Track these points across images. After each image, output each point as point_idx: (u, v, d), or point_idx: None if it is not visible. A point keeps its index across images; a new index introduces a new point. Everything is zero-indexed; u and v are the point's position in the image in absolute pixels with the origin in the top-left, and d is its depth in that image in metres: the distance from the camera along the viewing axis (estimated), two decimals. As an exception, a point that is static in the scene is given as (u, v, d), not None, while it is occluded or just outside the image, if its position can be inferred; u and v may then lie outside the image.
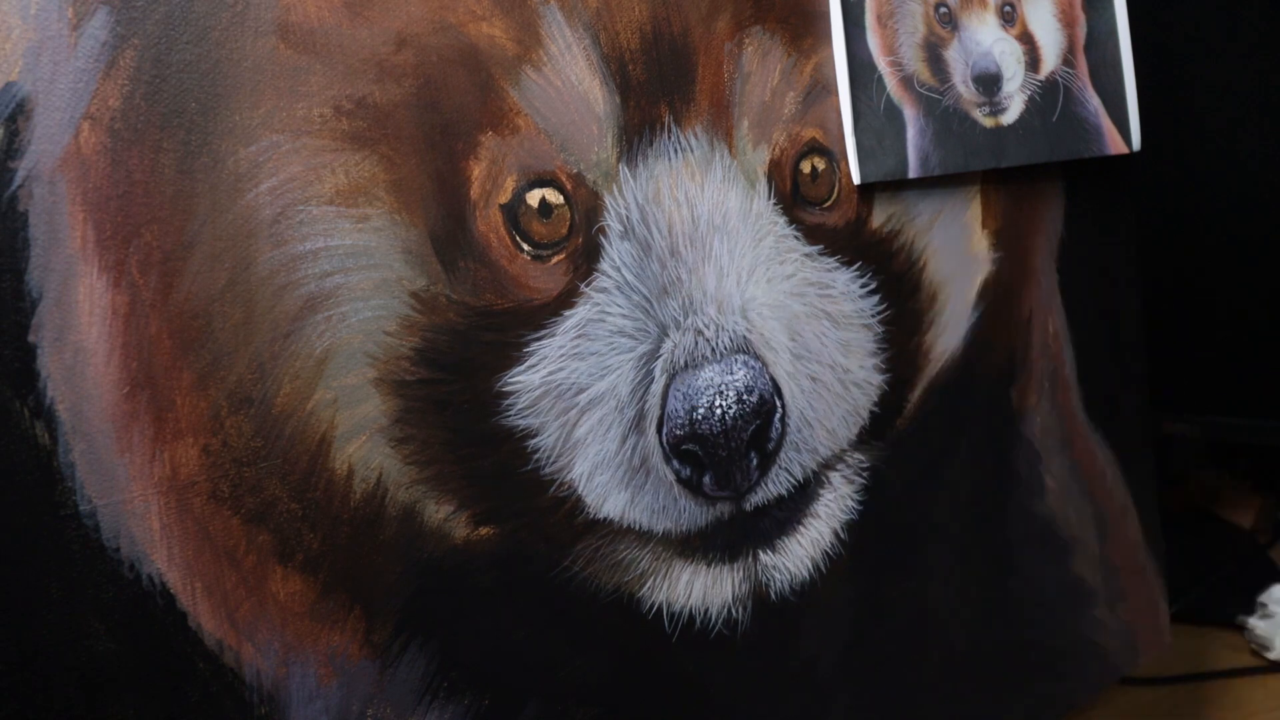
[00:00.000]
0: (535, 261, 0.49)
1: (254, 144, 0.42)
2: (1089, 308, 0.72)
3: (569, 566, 0.51)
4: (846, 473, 0.58)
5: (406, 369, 0.46)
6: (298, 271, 0.43)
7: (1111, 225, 0.73)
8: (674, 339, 0.51)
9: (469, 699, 0.48)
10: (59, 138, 0.39)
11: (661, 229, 0.51)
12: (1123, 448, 0.75)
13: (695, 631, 0.54)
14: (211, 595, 0.42)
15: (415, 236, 0.46)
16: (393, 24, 0.45)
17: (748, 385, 0.52)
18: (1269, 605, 0.94)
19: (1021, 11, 0.64)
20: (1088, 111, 0.67)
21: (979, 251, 0.65)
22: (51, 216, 0.39)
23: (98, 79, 0.39)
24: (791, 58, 0.56)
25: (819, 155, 0.57)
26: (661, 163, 0.52)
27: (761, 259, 0.54)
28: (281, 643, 0.43)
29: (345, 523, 0.45)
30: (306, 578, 0.44)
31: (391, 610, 0.46)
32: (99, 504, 0.40)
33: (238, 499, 0.42)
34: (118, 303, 0.40)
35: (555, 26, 0.49)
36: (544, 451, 0.49)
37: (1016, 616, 0.70)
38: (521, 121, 0.48)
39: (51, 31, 0.39)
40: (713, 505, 0.53)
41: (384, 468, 0.46)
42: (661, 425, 0.51)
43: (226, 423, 0.42)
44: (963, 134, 0.62)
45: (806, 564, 0.57)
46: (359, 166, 0.44)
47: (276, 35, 0.43)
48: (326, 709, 0.45)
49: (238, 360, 0.42)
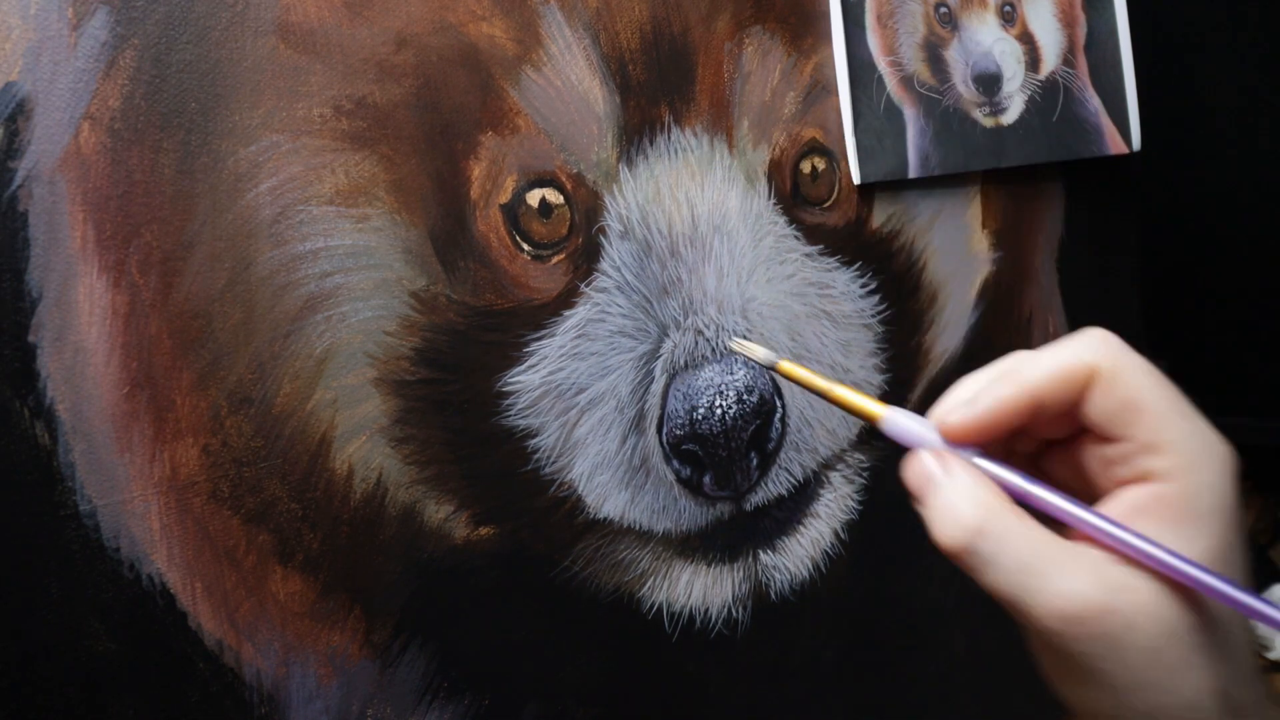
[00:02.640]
0: (535, 261, 0.49)
1: (254, 144, 0.42)
2: (1089, 308, 0.72)
3: (569, 566, 0.51)
4: (846, 473, 0.58)
5: (406, 369, 0.46)
6: (298, 271, 0.43)
7: (1111, 225, 0.73)
8: (674, 339, 0.51)
9: (469, 699, 0.48)
10: (59, 138, 0.39)
11: (661, 229, 0.51)
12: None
13: (695, 631, 0.54)
14: (211, 595, 0.42)
15: (415, 236, 0.46)
16: (393, 24, 0.45)
17: (748, 385, 0.52)
18: (1269, 605, 0.94)
19: (1021, 11, 0.64)
20: (1088, 111, 0.67)
21: (979, 251, 0.65)
22: (51, 216, 0.39)
23: (98, 79, 0.39)
24: (791, 58, 0.56)
25: (819, 155, 0.57)
26: (661, 163, 0.52)
27: (761, 259, 0.54)
28: (281, 643, 0.43)
29: (345, 523, 0.45)
30: (306, 578, 0.44)
31: (391, 610, 0.46)
32: (99, 504, 0.40)
33: (238, 499, 0.42)
34: (118, 303, 0.40)
35: (555, 26, 0.49)
36: (544, 451, 0.49)
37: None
38: (521, 121, 0.48)
39: (51, 31, 0.39)
40: (713, 505, 0.53)
41: (384, 468, 0.45)
42: (662, 425, 0.51)
43: (226, 423, 0.42)
44: (963, 134, 0.62)
45: (806, 564, 0.57)
46: (359, 166, 0.44)
47: (276, 35, 0.43)
48: (326, 709, 0.45)
49: (238, 360, 0.42)
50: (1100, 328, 0.31)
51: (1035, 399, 0.30)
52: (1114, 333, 0.31)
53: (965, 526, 0.29)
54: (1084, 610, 0.27)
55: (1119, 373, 0.29)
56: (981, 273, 0.65)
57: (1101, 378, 0.29)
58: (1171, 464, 0.29)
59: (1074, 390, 0.30)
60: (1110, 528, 0.28)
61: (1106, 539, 0.28)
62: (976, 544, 0.28)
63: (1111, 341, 0.30)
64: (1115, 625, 0.27)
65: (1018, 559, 0.28)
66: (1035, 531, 0.29)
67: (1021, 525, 0.29)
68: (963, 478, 0.30)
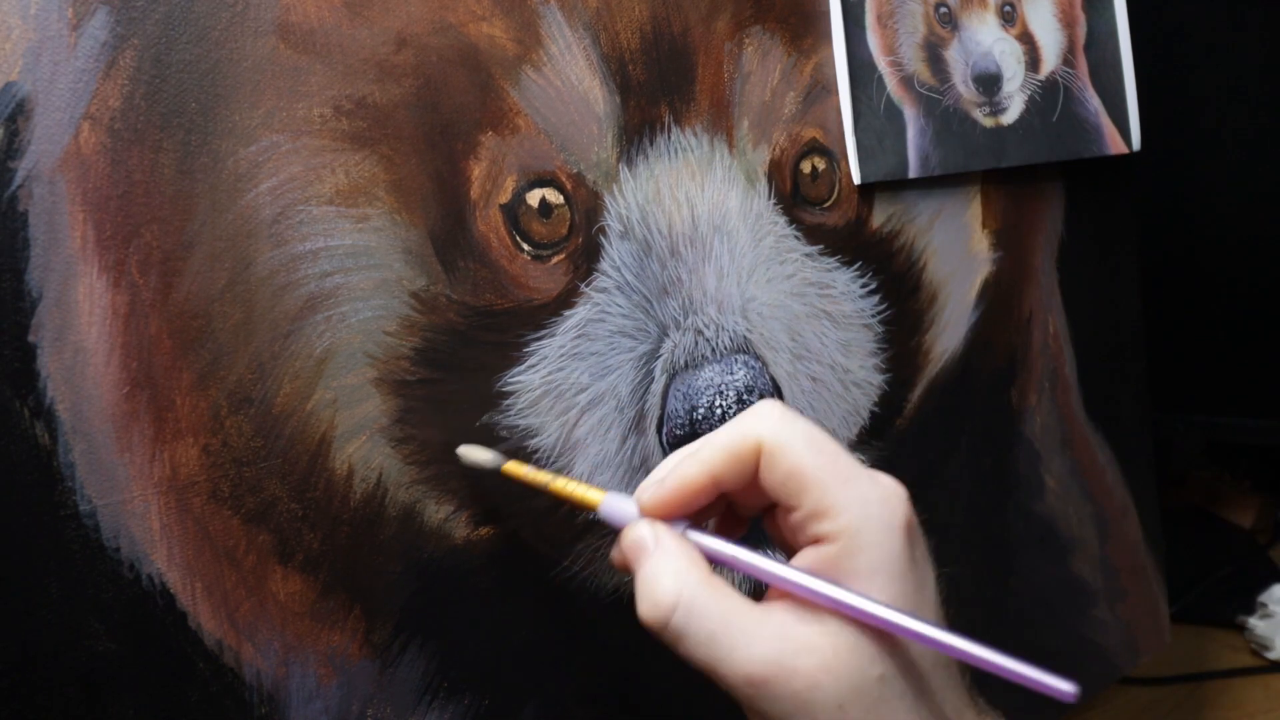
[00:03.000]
0: (535, 261, 0.49)
1: (254, 144, 0.42)
2: (1089, 308, 0.72)
3: (569, 566, 0.51)
4: (846, 473, 0.58)
5: (406, 369, 0.46)
6: (298, 271, 0.43)
7: (1111, 225, 0.73)
8: (674, 339, 0.51)
9: (469, 699, 0.48)
10: (59, 138, 0.39)
11: (661, 229, 0.51)
12: (1123, 448, 0.75)
13: (695, 631, 0.54)
14: (211, 595, 0.42)
15: (415, 236, 0.46)
16: (393, 24, 0.45)
17: (748, 385, 0.52)
18: (1269, 605, 0.94)
19: (1021, 11, 0.64)
20: (1088, 111, 0.67)
21: (979, 251, 0.65)
22: (51, 216, 0.39)
23: (98, 79, 0.39)
24: (791, 57, 0.56)
25: (819, 155, 0.57)
26: (661, 163, 0.52)
27: (761, 259, 0.54)
28: (281, 643, 0.43)
29: (345, 523, 0.45)
30: (306, 578, 0.44)
31: (391, 610, 0.46)
32: (99, 504, 0.40)
33: (238, 499, 0.42)
34: (118, 303, 0.40)
35: (555, 26, 0.49)
36: (544, 451, 0.49)
37: (1016, 616, 0.70)
38: (521, 121, 0.48)
39: (51, 31, 0.39)
40: (713, 505, 0.53)
41: (384, 468, 0.46)
42: (662, 425, 0.51)
43: (226, 423, 0.42)
44: (963, 134, 0.62)
45: (806, 564, 0.57)
46: (359, 166, 0.44)
47: (276, 35, 0.43)
48: (326, 709, 0.45)
49: (238, 360, 0.42)
50: (770, 399, 0.33)
51: (713, 476, 0.32)
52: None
53: (660, 604, 0.31)
54: (766, 673, 0.29)
55: (779, 446, 0.31)
56: (981, 273, 0.66)
57: (765, 452, 0.32)
58: (837, 527, 0.31)
59: (746, 466, 0.32)
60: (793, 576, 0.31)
61: (793, 588, 0.31)
62: (670, 619, 0.31)
63: (775, 414, 0.32)
64: (799, 685, 0.29)
65: (709, 630, 0.31)
66: (727, 601, 0.31)
67: (714, 597, 0.31)
68: (669, 549, 0.32)
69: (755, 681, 0.30)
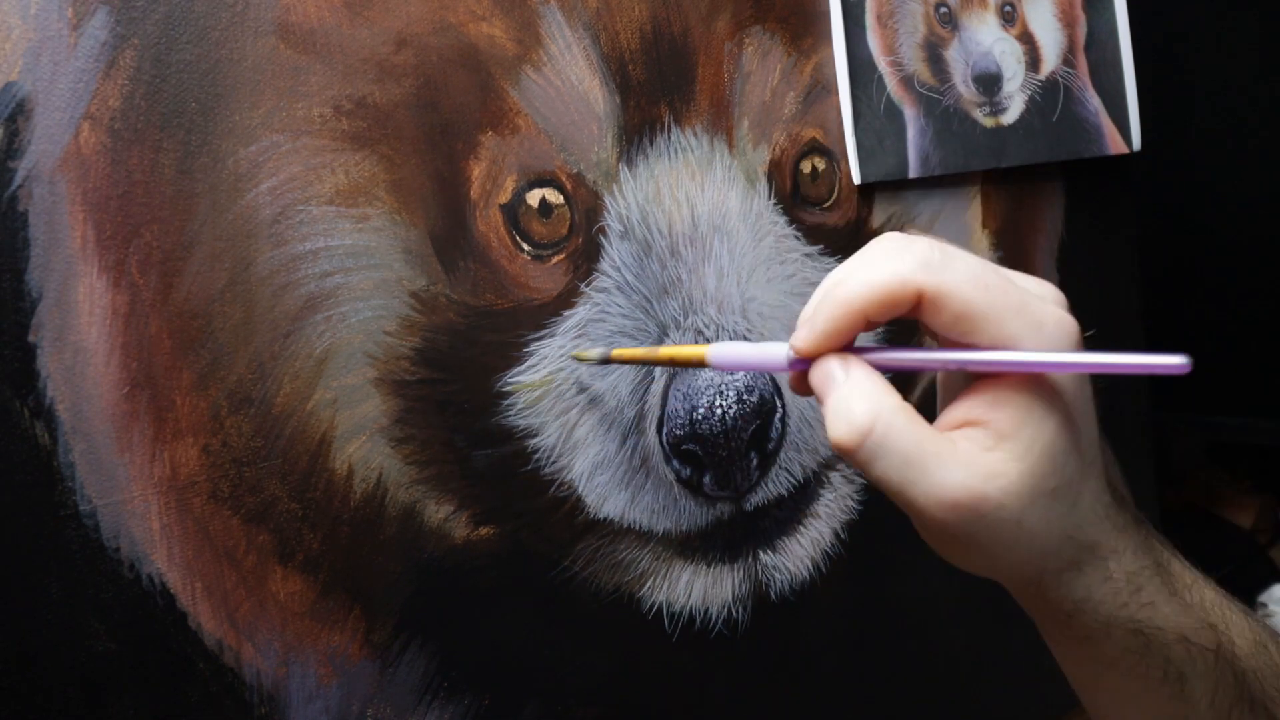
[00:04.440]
0: (535, 261, 0.49)
1: (254, 144, 0.42)
2: (1089, 308, 0.72)
3: (569, 566, 0.51)
4: (847, 472, 0.58)
5: (406, 369, 0.46)
6: (298, 271, 0.43)
7: (1111, 225, 0.73)
8: (674, 339, 0.51)
9: (469, 699, 0.48)
10: (59, 138, 0.39)
11: (661, 229, 0.51)
12: (1123, 448, 0.75)
13: (695, 631, 0.54)
14: (211, 595, 0.42)
15: (415, 236, 0.46)
16: (393, 24, 0.45)
17: (748, 385, 0.52)
18: (1269, 605, 0.94)
19: (1021, 11, 0.64)
20: (1088, 111, 0.67)
21: (979, 251, 0.65)
22: (51, 216, 0.39)
23: (98, 79, 0.39)
24: (791, 58, 0.56)
25: (819, 155, 0.57)
26: (661, 163, 0.52)
27: (761, 259, 0.54)
28: (281, 643, 0.43)
29: (345, 523, 0.45)
30: (306, 578, 0.44)
31: (391, 610, 0.46)
32: (99, 504, 0.40)
33: (238, 499, 0.42)
34: (118, 303, 0.40)
35: (555, 26, 0.49)
36: (544, 451, 0.49)
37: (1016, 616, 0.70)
38: (521, 121, 0.48)
39: (51, 31, 0.39)
40: (713, 505, 0.53)
41: (384, 468, 0.45)
42: (662, 425, 0.51)
43: (226, 423, 0.42)
44: (963, 134, 0.62)
45: (806, 564, 0.57)
46: (359, 166, 0.44)
47: (276, 35, 0.43)
48: (326, 709, 0.45)
49: (238, 360, 0.42)
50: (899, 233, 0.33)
51: (864, 316, 0.33)
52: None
53: (856, 425, 0.32)
54: (960, 498, 0.31)
55: (942, 295, 0.32)
56: (981, 273, 0.65)
57: (927, 300, 0.32)
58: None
59: (900, 308, 0.32)
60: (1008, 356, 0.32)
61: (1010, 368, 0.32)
62: (865, 441, 0.32)
63: (932, 259, 0.32)
64: (988, 508, 0.31)
65: (904, 453, 0.31)
66: (920, 428, 0.32)
67: (907, 422, 0.32)
68: (859, 377, 0.33)
69: (948, 506, 0.31)
